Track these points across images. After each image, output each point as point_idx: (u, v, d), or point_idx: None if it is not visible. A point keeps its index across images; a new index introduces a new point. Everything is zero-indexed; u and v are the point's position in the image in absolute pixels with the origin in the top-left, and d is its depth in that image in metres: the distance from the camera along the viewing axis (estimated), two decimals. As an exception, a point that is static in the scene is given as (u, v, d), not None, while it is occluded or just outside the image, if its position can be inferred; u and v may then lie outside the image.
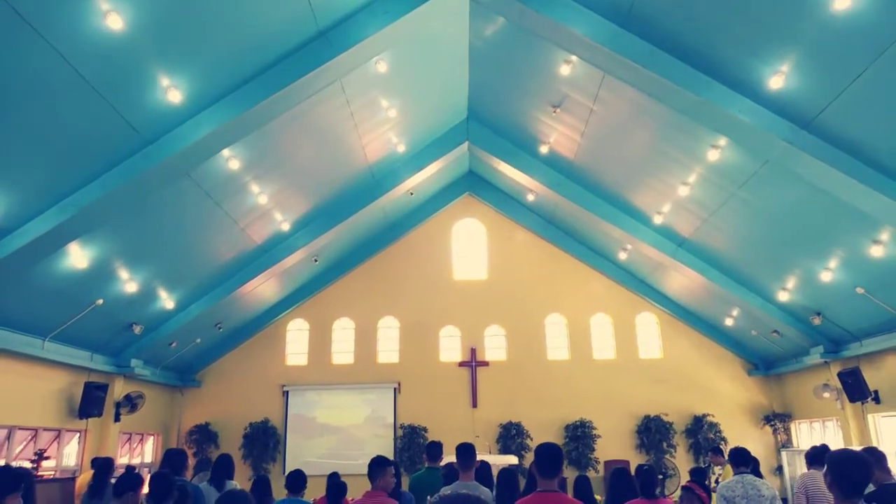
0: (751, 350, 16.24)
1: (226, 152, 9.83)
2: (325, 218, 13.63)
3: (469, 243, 17.73)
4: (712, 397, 16.19)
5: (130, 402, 13.29)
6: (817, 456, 6.87)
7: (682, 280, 14.89)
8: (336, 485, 6.70)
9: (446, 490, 5.16)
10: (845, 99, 7.75)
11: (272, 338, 16.99)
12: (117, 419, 13.09)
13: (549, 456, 4.33)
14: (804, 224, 10.64)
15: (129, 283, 11.10)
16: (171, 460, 6.41)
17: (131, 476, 5.29)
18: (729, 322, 15.28)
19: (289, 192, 12.60)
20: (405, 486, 6.71)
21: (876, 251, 9.79)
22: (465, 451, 6.49)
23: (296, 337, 17.18)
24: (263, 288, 14.92)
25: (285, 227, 13.06)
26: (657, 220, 12.99)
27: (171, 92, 8.01)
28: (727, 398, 16.27)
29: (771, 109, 8.45)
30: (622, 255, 15.50)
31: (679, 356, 16.63)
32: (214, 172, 10.29)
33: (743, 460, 6.38)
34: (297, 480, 6.56)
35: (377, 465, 5.40)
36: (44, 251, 8.80)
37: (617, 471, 6.47)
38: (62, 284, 9.97)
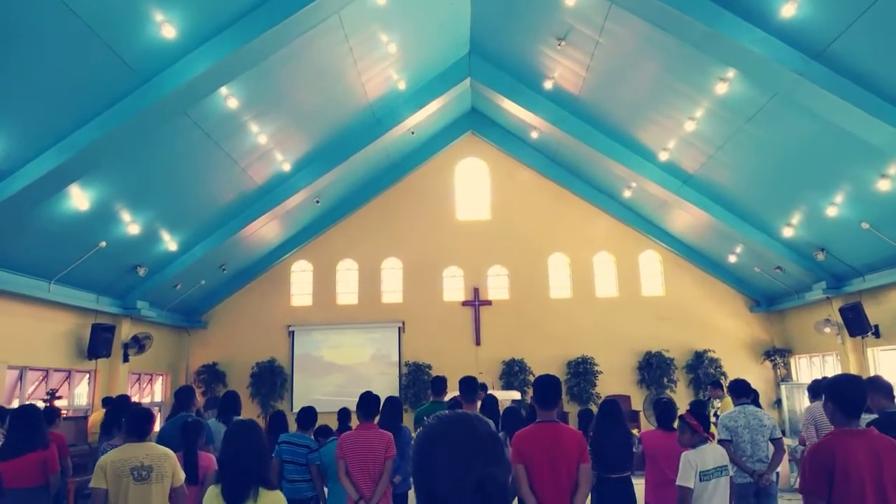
0: (753, 287, 16.30)
1: (223, 90, 9.63)
2: (326, 158, 13.48)
3: (472, 183, 17.57)
4: (713, 334, 16.34)
5: (138, 343, 13.47)
6: (818, 388, 6.95)
7: (686, 217, 14.81)
8: (344, 420, 6.86)
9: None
10: (857, 28, 7.51)
11: (277, 279, 17.08)
12: (126, 360, 13.30)
13: (547, 387, 4.41)
14: (811, 158, 10.49)
15: (131, 224, 11.08)
16: (180, 397, 6.53)
17: (142, 413, 5.39)
18: (732, 259, 15.28)
19: (289, 132, 12.42)
20: (410, 421, 6.83)
21: (883, 185, 9.68)
22: (469, 383, 6.59)
23: (300, 278, 17.27)
24: (266, 229, 14.90)
25: (286, 167, 12.92)
26: (663, 156, 12.81)
27: (166, 27, 7.79)
28: (728, 334, 16.43)
29: (782, 40, 8.21)
30: (626, 193, 15.37)
31: (681, 293, 16.71)
32: (213, 111, 10.11)
33: (743, 392, 6.49)
34: (307, 416, 6.69)
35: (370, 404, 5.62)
36: (44, 193, 8.75)
37: (607, 401, 6.54)
38: (65, 227, 9.96)
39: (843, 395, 3.47)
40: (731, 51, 8.76)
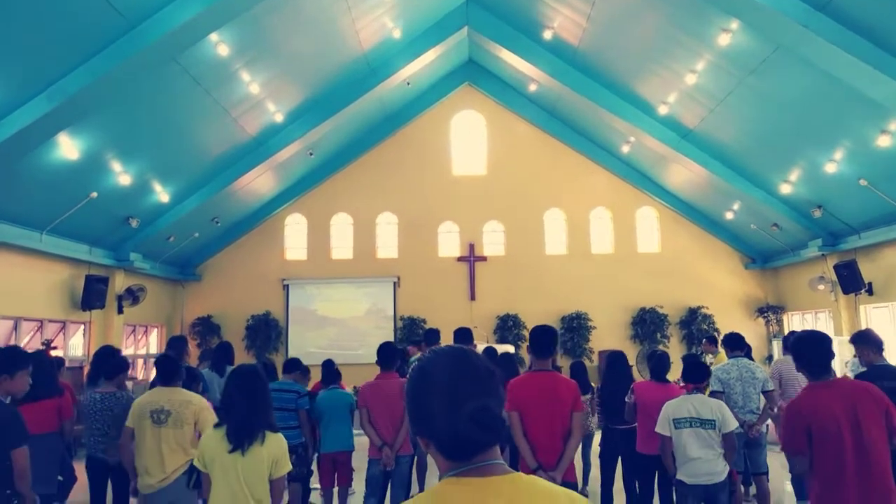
0: (749, 244, 16.32)
1: (214, 37, 9.38)
2: (319, 109, 13.22)
3: (468, 136, 17.35)
4: (708, 290, 16.41)
5: (132, 295, 13.45)
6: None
7: (684, 174, 14.70)
8: (329, 370, 6.99)
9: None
10: (866, -23, 7.31)
11: (271, 233, 16.99)
12: (120, 311, 13.29)
13: (543, 335, 4.41)
14: (812, 113, 10.36)
15: (122, 175, 10.93)
16: (172, 346, 6.54)
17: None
18: (729, 216, 15.23)
19: (281, 81, 12.16)
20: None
21: (883, 141, 9.58)
22: (463, 334, 6.63)
23: (294, 232, 17.18)
24: (259, 182, 14.75)
25: (279, 118, 12.69)
26: (662, 110, 12.63)
27: (153, -32, 7.52)
28: (723, 291, 16.51)
29: (788, -11, 8.00)
30: (625, 148, 15.21)
31: (677, 250, 16.71)
32: (203, 58, 9.86)
33: (737, 345, 6.52)
34: (292, 363, 6.84)
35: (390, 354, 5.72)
36: (33, 141, 8.58)
37: (613, 354, 6.61)
38: (55, 177, 9.81)
39: (804, 356, 3.51)
40: (736, 0, 8.55)
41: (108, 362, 5.74)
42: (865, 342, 5.12)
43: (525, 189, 16.78)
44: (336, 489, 6.61)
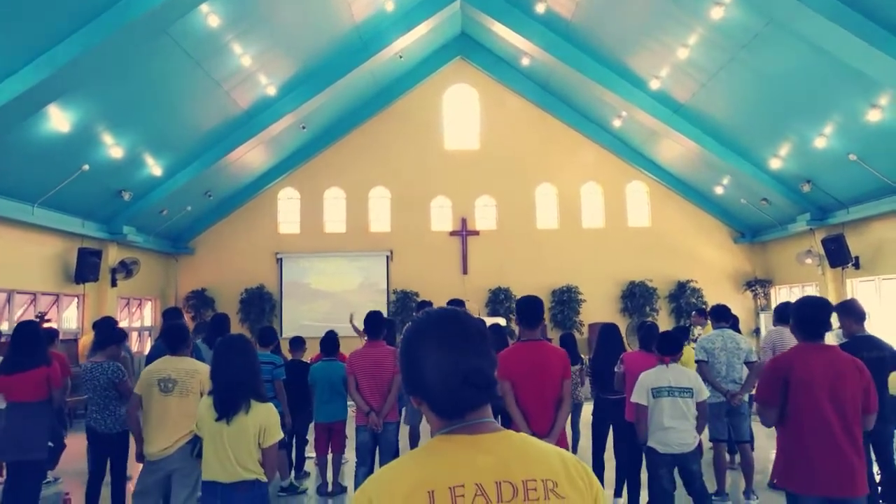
0: (738, 218, 16.46)
1: (204, 8, 9.31)
2: (311, 82, 13.15)
3: (461, 111, 17.31)
4: (697, 264, 16.59)
5: (126, 268, 13.47)
6: (784, 313, 6.84)
7: (675, 148, 14.76)
8: (328, 342, 7.05)
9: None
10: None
11: (264, 206, 16.98)
12: (114, 284, 13.33)
13: (529, 305, 4.50)
14: (803, 88, 10.41)
15: (114, 148, 10.88)
16: (170, 317, 6.62)
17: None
18: (719, 191, 15.33)
19: (273, 54, 12.08)
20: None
21: (873, 116, 9.65)
22: (455, 305, 6.69)
23: (287, 206, 17.18)
24: (252, 156, 14.72)
25: (271, 91, 12.63)
26: (654, 84, 12.64)
27: (142, -63, 7.44)
28: (711, 265, 16.69)
29: (781, -38, 8.00)
30: (616, 123, 15.24)
31: (667, 225, 16.84)
32: (194, 30, 9.80)
33: (723, 317, 6.66)
34: (266, 335, 6.98)
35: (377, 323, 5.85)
36: (23, 112, 8.54)
37: (606, 326, 6.72)
38: (46, 149, 9.77)
39: (805, 316, 3.61)
40: (729, -27, 8.55)
41: (102, 333, 5.81)
42: (848, 313, 5.24)
43: (517, 164, 16.81)
44: (330, 456, 6.76)
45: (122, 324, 14.22)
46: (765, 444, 8.17)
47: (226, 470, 3.48)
